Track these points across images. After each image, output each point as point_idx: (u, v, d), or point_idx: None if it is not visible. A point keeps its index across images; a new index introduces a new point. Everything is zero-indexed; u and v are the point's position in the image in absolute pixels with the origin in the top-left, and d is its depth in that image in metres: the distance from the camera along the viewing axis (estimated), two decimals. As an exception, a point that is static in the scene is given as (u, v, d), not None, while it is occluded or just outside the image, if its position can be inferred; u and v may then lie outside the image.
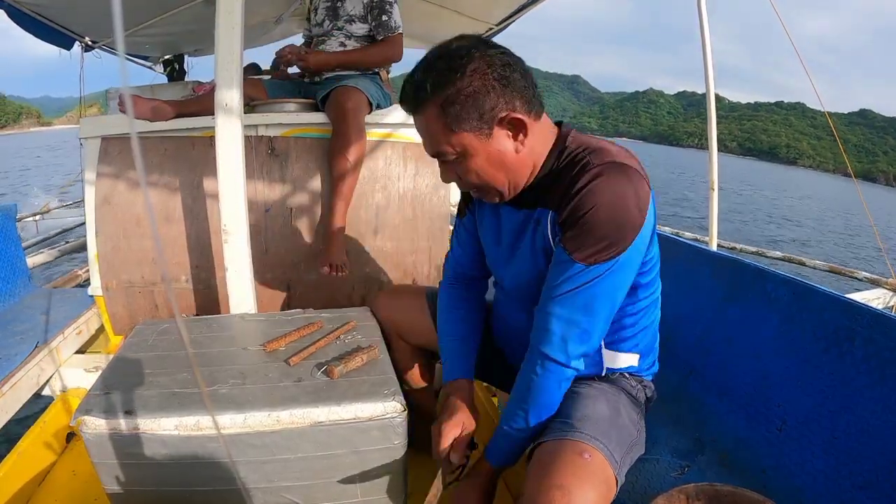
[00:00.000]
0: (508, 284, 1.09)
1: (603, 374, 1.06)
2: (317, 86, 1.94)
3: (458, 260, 1.19)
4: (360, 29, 1.92)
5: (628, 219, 0.85)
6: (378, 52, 1.93)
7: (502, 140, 0.88)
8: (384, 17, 1.89)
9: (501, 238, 1.04)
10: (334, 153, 1.71)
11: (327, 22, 1.94)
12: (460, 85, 0.83)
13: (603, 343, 1.02)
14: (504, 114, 0.85)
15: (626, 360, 1.05)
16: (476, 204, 1.13)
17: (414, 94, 0.87)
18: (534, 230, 0.96)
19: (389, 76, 2.10)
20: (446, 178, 0.95)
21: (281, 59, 1.97)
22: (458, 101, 0.83)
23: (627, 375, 1.06)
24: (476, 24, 4.27)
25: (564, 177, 0.89)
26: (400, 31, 1.93)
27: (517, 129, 0.88)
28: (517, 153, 0.90)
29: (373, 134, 1.87)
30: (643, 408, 1.07)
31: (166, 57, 4.95)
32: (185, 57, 5.05)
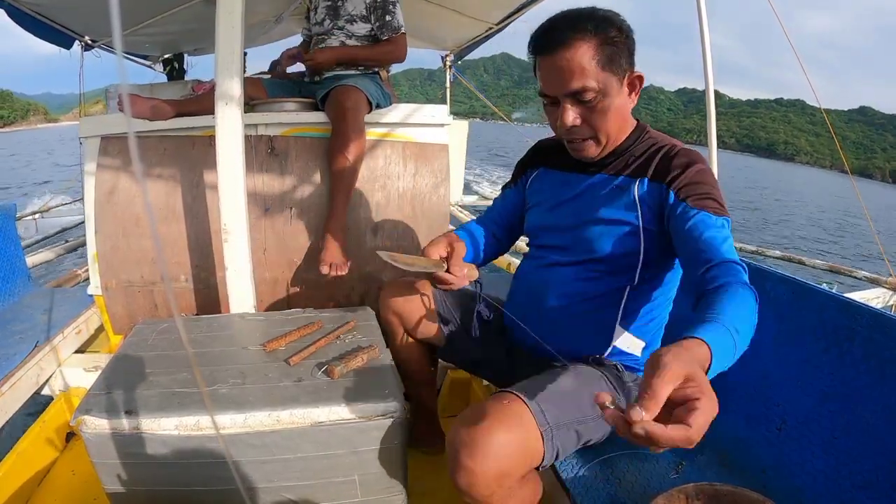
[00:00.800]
0: (565, 242, 1.10)
1: (603, 355, 1.06)
2: (316, 85, 1.93)
3: (495, 212, 1.31)
4: (361, 28, 1.92)
5: (718, 187, 0.98)
6: (384, 51, 1.93)
7: (625, 93, 0.99)
8: (388, 17, 1.88)
9: (570, 199, 1.11)
10: (334, 152, 1.71)
11: (327, 21, 1.93)
12: (615, 33, 0.94)
13: (619, 317, 1.05)
14: (632, 70, 0.98)
15: (633, 344, 1.06)
16: (541, 173, 1.21)
17: (573, 28, 0.93)
18: (615, 193, 1.03)
19: (389, 75, 2.09)
20: (569, 119, 0.98)
21: (286, 60, 1.98)
22: (615, 44, 0.94)
23: (622, 369, 1.07)
24: (476, 24, 4.25)
25: (651, 157, 1.02)
26: (403, 31, 1.92)
27: (635, 89, 1.00)
28: (629, 109, 1.02)
29: (372, 133, 1.87)
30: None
31: (166, 56, 4.93)
32: (185, 56, 5.03)
